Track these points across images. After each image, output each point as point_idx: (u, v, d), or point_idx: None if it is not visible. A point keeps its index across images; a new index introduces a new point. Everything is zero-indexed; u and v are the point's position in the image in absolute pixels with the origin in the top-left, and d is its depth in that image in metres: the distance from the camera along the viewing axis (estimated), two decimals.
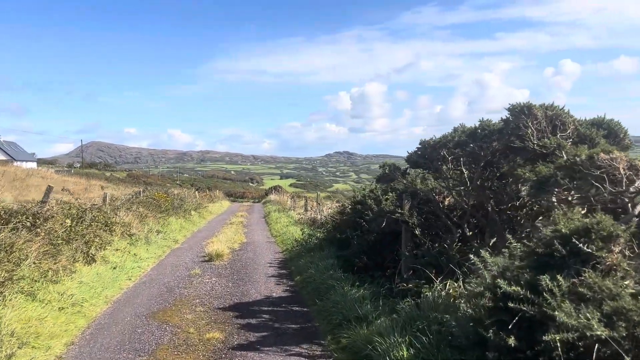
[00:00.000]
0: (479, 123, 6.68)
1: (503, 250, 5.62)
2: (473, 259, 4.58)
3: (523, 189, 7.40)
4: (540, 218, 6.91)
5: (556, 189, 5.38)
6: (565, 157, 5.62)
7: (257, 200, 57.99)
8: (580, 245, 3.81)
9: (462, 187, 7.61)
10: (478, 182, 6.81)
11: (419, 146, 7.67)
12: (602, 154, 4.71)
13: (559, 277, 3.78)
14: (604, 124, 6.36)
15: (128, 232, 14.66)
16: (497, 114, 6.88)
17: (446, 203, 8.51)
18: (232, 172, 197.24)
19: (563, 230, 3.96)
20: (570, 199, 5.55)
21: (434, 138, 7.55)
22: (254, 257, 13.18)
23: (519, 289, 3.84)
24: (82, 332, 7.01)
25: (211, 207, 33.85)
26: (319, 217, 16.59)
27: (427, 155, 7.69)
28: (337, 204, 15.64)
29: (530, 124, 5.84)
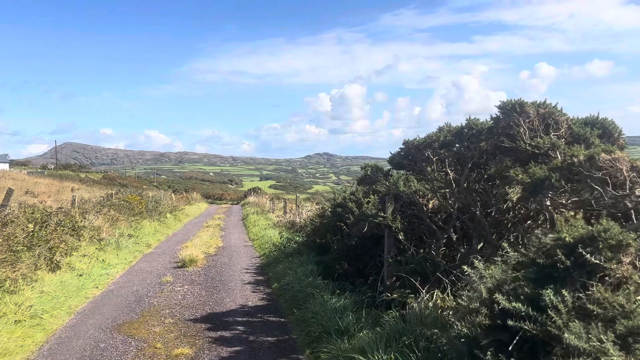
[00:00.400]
0: (465, 122, 6.29)
1: (494, 258, 5.23)
2: (467, 270, 4.15)
3: (510, 191, 7.07)
4: (529, 222, 6.56)
5: (550, 192, 5.01)
6: (560, 158, 5.25)
7: (235, 202, 57.24)
8: (587, 255, 3.41)
9: (447, 190, 7.22)
10: (465, 185, 6.42)
11: (402, 147, 7.26)
12: (603, 155, 4.34)
13: (564, 291, 3.38)
14: (598, 123, 6.02)
15: (97, 237, 14.00)
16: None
17: (430, 206, 8.12)
18: (211, 174, 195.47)
19: (567, 239, 3.56)
20: (564, 202, 5.19)
21: (417, 138, 7.15)
22: (229, 263, 12.64)
23: (520, 305, 3.42)
24: (40, 348, 6.43)
25: (188, 210, 33.13)
26: (298, 220, 16.11)
27: (411, 156, 7.28)
28: (316, 207, 15.16)
29: (522, 122, 5.46)
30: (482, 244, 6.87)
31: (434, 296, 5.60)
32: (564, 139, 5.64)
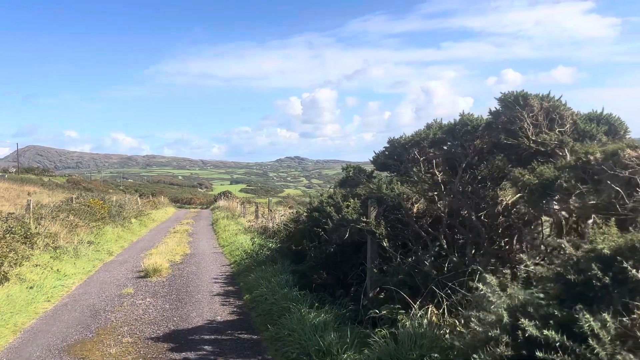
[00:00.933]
0: (458, 118, 5.68)
1: (503, 270, 4.61)
2: (477, 286, 3.50)
3: (501, 193, 6.49)
4: (531, 227, 5.99)
5: (558, 195, 4.42)
6: (569, 156, 4.67)
7: (205, 207, 55.96)
8: (632, 270, 2.80)
9: (434, 192, 6.61)
10: (459, 187, 5.80)
11: (387, 145, 6.62)
12: (629, 151, 3.75)
13: (605, 315, 2.76)
14: (602, 118, 5.48)
15: (53, 245, 12.98)
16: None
17: (415, 210, 7.50)
18: (180, 177, 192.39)
19: (604, 251, 2.95)
20: (573, 206, 4.61)
21: (404, 136, 6.52)
22: (197, 272, 11.78)
23: (552, 332, 2.79)
24: None
25: (154, 214, 31.92)
26: (271, 225, 15.32)
27: (397, 156, 6.65)
28: (290, 211, 14.39)
29: (526, 116, 4.87)
30: (473, 251, 6.27)
31: (429, 312, 4.95)
32: (568, 136, 5.08)
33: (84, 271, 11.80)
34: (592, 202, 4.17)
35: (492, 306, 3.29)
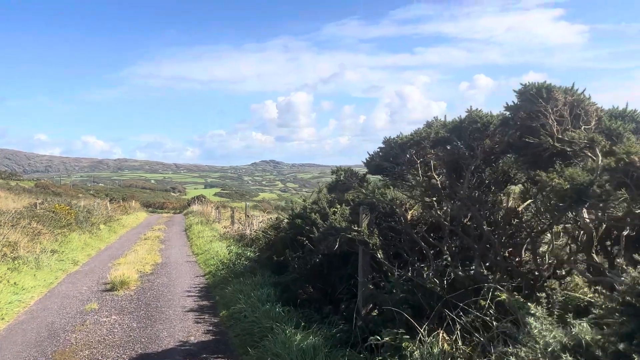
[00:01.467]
0: (465, 114, 5.01)
1: (538, 294, 3.98)
2: (527, 319, 2.82)
3: (504, 198, 5.86)
4: (541, 237, 5.37)
5: (590, 202, 3.79)
6: (601, 158, 4.04)
7: (178, 211, 54.60)
8: None
9: (433, 198, 5.95)
10: (467, 191, 5.14)
11: (382, 146, 5.93)
12: None
13: None
14: (627, 115, 4.88)
15: (12, 254, 11.96)
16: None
17: (409, 217, 6.83)
18: (152, 181, 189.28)
19: None
20: (609, 215, 3.99)
21: (401, 135, 5.83)
22: (169, 284, 10.89)
23: None
24: None
25: (125, 220, 30.73)
26: (248, 231, 14.49)
27: (392, 158, 5.96)
28: (269, 217, 13.52)
29: (550, 111, 4.23)
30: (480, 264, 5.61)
31: (439, 338, 4.25)
32: (597, 134, 4.45)
33: (45, 284, 10.82)
34: (638, 210, 3.53)
35: (539, 344, 2.60)
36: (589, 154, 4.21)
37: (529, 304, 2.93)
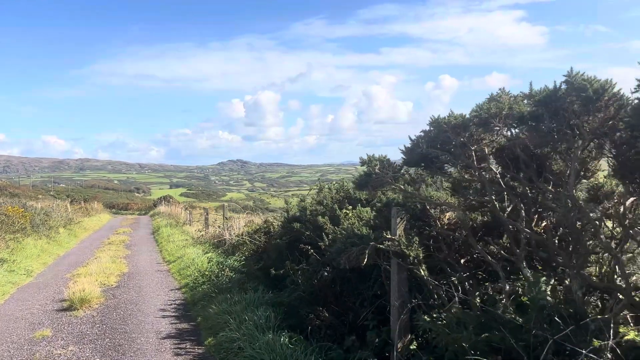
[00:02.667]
0: (564, 78, 3.63)
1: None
2: None
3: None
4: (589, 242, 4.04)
5: None
6: None
7: (144, 212, 52.26)
8: None
9: (489, 195, 4.58)
10: (570, 191, 3.75)
11: (430, 129, 4.50)
12: None
13: None
14: None
15: None
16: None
17: (445, 220, 5.45)
18: (116, 182, 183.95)
19: None
20: None
21: (452, 114, 4.41)
22: (138, 300, 9.21)
23: None
24: None
25: (87, 222, 28.61)
26: (227, 235, 12.87)
27: (440, 144, 4.55)
28: (253, 219, 11.75)
29: None
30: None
31: None
32: None
33: None
34: None
35: None
36: None
37: None
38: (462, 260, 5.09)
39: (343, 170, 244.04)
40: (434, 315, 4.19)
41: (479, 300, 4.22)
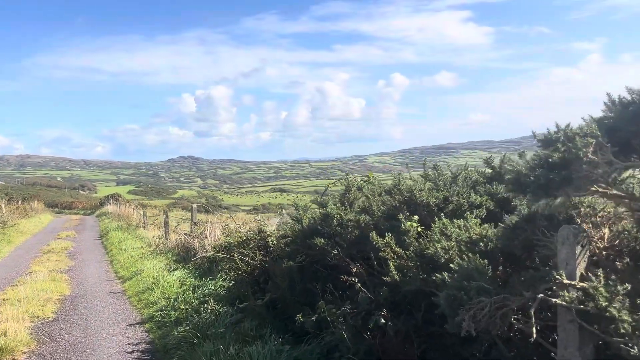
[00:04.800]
0: None
1: None
2: None
3: None
4: None
5: None
6: None
7: (89, 212, 48.31)
8: None
9: None
10: None
11: (627, 98, 2.29)
12: None
13: None
14: None
15: None
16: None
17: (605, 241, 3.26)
18: (59, 179, 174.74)
19: None
20: None
21: None
22: (84, 345, 6.57)
23: None
24: None
25: (24, 225, 25.21)
26: (197, 245, 10.31)
27: None
28: (245, 224, 9.00)
29: None
30: None
31: None
32: None
33: None
34: None
35: None
36: None
37: None
38: None
39: (297, 167, 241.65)
40: None
41: None
